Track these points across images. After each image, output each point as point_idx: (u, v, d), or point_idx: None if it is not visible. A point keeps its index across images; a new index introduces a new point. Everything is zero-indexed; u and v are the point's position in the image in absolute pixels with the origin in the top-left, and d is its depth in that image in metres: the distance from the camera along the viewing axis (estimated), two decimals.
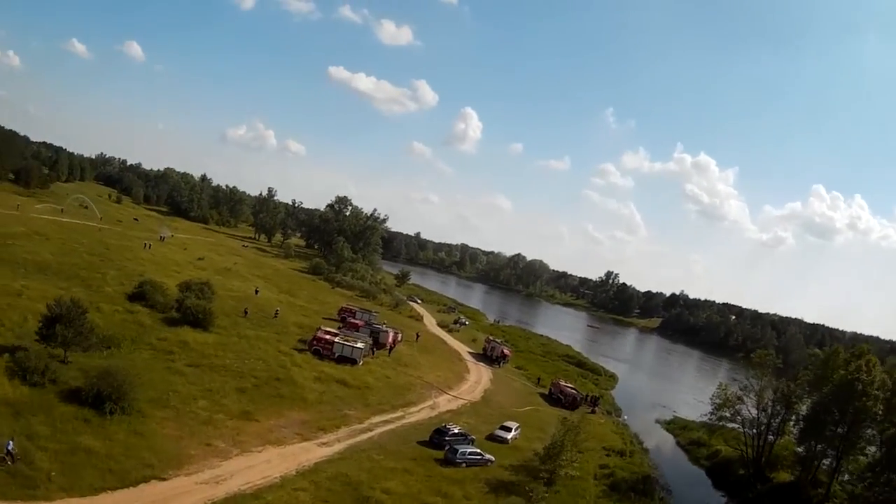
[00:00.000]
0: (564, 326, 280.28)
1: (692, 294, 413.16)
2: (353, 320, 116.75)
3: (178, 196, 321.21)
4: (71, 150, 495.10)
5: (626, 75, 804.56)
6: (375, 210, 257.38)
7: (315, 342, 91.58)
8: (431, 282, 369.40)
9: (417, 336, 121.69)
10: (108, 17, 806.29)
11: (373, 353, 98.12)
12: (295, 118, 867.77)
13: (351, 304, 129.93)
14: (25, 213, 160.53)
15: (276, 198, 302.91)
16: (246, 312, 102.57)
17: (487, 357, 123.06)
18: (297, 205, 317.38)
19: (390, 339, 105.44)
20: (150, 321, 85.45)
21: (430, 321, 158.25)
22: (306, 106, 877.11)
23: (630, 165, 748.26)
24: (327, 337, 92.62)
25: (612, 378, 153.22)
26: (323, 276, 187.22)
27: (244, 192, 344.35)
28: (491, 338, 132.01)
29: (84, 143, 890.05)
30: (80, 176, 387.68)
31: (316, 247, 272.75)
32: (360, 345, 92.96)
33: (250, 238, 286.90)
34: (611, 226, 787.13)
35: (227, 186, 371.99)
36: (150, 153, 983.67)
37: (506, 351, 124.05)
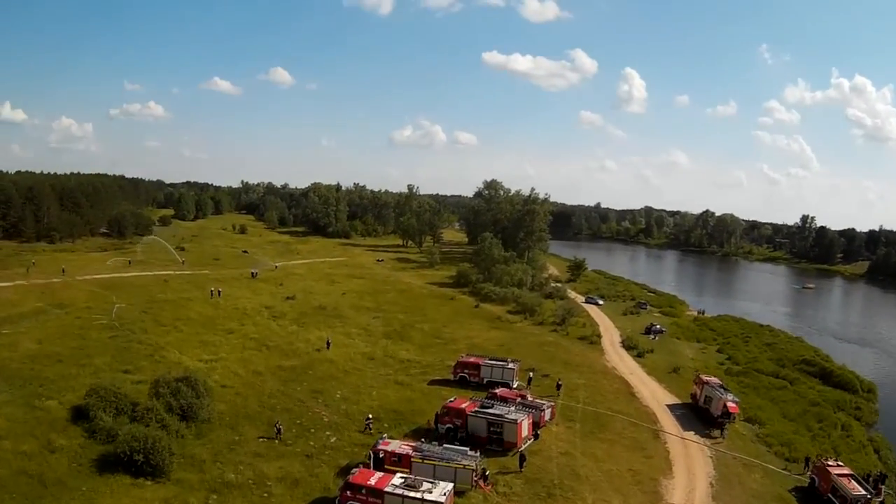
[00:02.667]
0: (774, 295, 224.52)
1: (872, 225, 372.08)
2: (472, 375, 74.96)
3: (312, 213, 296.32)
4: (220, 185, 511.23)
5: (772, 6, 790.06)
6: (534, 190, 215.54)
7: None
8: (618, 259, 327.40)
9: (559, 386, 75.03)
10: (247, 50, 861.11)
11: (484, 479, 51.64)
12: (459, 110, 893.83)
13: (472, 354, 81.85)
14: (72, 277, 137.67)
15: (419, 193, 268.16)
16: (278, 431, 59.86)
17: (699, 408, 73.14)
18: (448, 198, 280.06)
19: (524, 431, 59.10)
20: (69, 467, 51.34)
21: (611, 338, 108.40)
22: (468, 95, 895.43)
23: (792, 99, 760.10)
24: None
25: (871, 393, 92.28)
26: (469, 287, 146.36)
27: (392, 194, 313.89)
28: (704, 378, 76.08)
29: (246, 174, 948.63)
30: (216, 209, 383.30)
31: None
32: (464, 464, 49.18)
33: (397, 246, 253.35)
34: (785, 163, 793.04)
35: (370, 191, 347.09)
36: (319, 171, 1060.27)
37: (730, 404, 69.98)
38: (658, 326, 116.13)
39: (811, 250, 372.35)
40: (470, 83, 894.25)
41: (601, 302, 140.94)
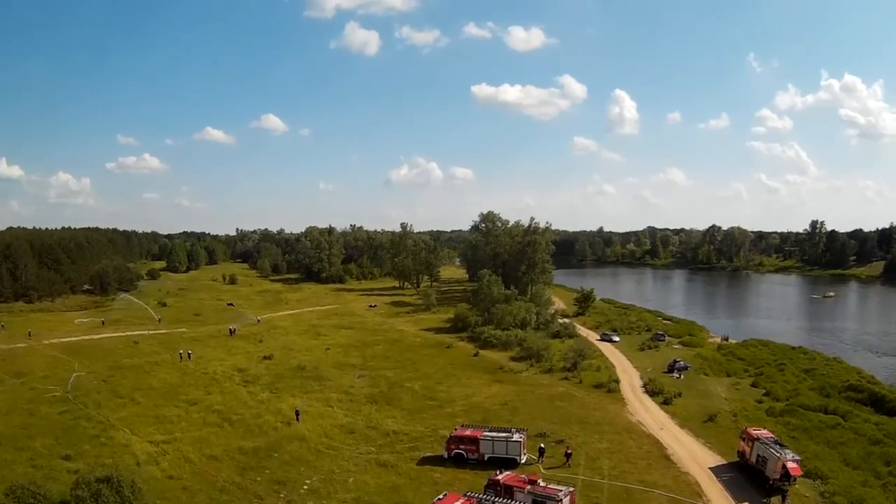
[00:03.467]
0: (794, 308, 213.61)
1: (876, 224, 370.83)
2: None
3: (305, 259, 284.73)
4: (218, 234, 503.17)
5: (756, 14, 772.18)
6: (533, 220, 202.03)
7: None
8: (625, 283, 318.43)
9: (568, 456, 61.11)
10: (237, 98, 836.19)
11: None
12: (454, 145, 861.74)
13: (468, 425, 67.48)
14: (38, 341, 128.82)
15: (413, 231, 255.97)
16: None
17: (749, 468, 59.33)
18: (447, 234, 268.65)
19: None
20: None
21: (630, 382, 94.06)
22: (461, 130, 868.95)
23: (784, 105, 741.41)
24: None
25: None
26: (468, 331, 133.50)
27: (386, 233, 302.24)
28: (754, 433, 62.13)
29: (244, 221, 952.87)
30: (211, 259, 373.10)
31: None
32: None
33: (394, 288, 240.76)
34: (782, 171, 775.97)
35: (365, 232, 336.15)
36: (317, 216, 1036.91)
37: (791, 465, 55.84)
38: (682, 362, 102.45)
39: (822, 256, 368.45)
40: (462, 118, 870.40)
41: (617, 339, 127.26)
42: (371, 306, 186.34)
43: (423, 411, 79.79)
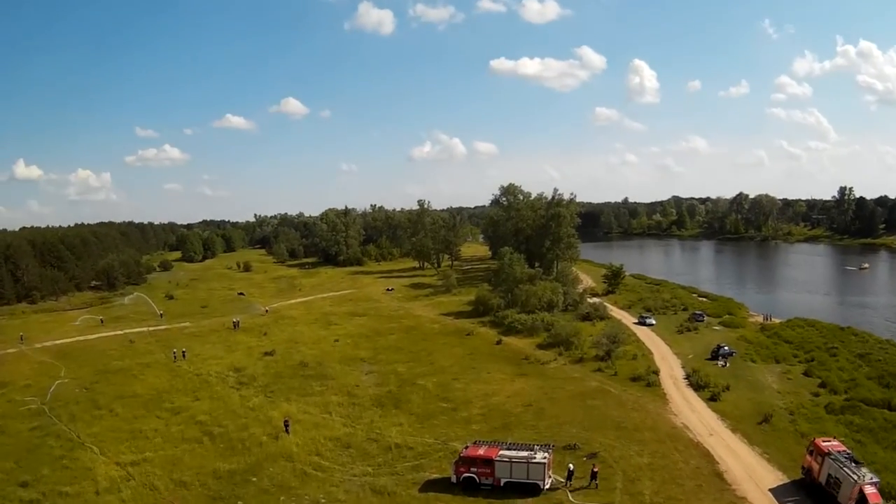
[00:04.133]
0: (829, 281, 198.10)
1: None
2: None
3: (322, 243, 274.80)
4: (238, 221, 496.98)
5: None
6: (557, 191, 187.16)
7: None
8: (653, 256, 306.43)
9: (594, 475, 49.95)
10: (256, 83, 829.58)
11: None
12: (475, 120, 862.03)
13: (480, 442, 55.75)
14: (30, 345, 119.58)
15: (431, 208, 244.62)
16: None
17: (817, 488, 47.49)
18: (471, 209, 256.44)
19: None
20: None
21: (671, 372, 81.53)
22: (482, 105, 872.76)
23: (802, 72, 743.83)
24: None
25: None
26: (490, 316, 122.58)
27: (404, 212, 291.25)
28: (824, 446, 50.20)
29: (267, 207, 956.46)
30: (228, 247, 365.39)
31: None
32: None
33: (413, 269, 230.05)
34: (803, 137, 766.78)
35: (384, 211, 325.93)
36: (342, 197, 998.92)
37: (869, 490, 44.03)
38: (726, 348, 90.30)
39: (852, 224, 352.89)
40: (482, 92, 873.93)
41: (652, 321, 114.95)
42: (388, 290, 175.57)
43: (435, 416, 68.95)
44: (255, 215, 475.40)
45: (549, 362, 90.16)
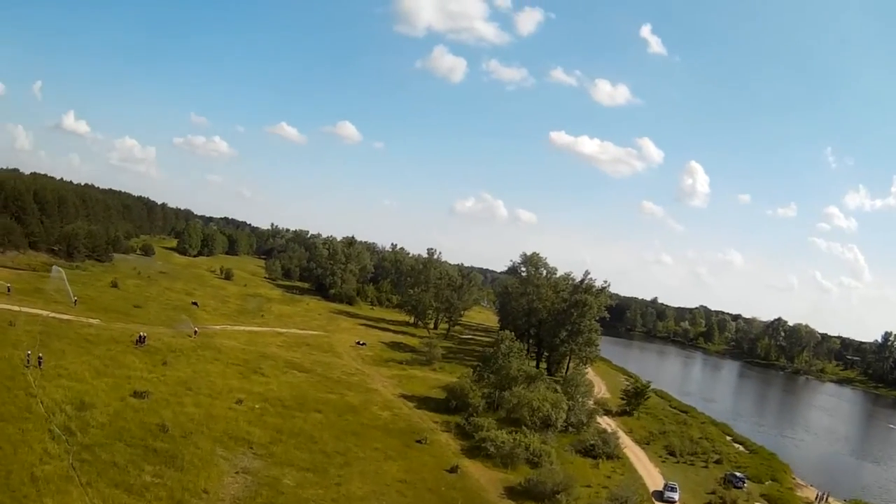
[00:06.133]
0: (875, 441, 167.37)
1: None
2: None
3: (317, 269, 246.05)
4: (259, 226, 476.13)
5: (841, 109, 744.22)
6: (588, 275, 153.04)
7: None
8: (674, 368, 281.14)
9: None
10: (317, 101, 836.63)
11: None
12: (522, 186, 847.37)
13: None
14: None
15: (441, 260, 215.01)
16: None
17: None
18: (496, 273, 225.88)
19: None
20: None
21: None
22: (531, 173, 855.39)
23: (852, 205, 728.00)
24: None
25: None
26: (462, 415, 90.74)
27: (413, 258, 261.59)
28: None
29: (298, 221, 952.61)
30: (231, 249, 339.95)
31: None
32: None
33: (405, 323, 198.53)
34: (838, 272, 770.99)
35: (397, 248, 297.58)
36: (377, 229, 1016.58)
37: None
38: None
39: (890, 373, 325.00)
40: (535, 161, 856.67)
41: (676, 496, 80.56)
42: (359, 343, 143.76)
43: None
44: (272, 224, 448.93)
45: None
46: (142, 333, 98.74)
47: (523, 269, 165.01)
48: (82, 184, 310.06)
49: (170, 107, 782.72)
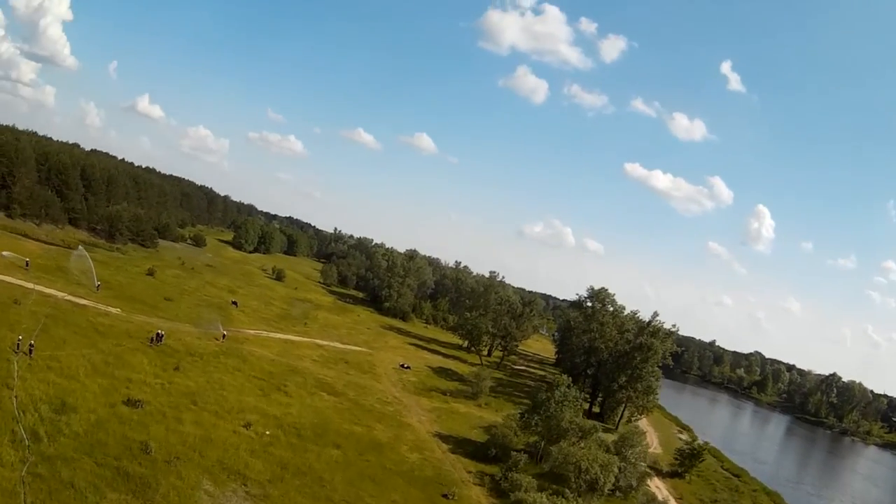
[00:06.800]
0: None
1: None
2: None
3: (373, 279, 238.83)
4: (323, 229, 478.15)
5: None
6: (656, 316, 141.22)
7: None
8: (724, 419, 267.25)
9: None
10: (396, 109, 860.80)
11: None
12: (592, 215, 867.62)
13: None
14: None
15: (503, 283, 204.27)
16: None
17: None
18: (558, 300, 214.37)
19: None
20: None
21: None
22: (603, 203, 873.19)
23: None
24: None
25: None
26: (503, 466, 79.63)
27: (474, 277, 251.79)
28: None
29: (363, 228, 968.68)
30: (290, 248, 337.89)
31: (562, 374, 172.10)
32: None
33: (457, 346, 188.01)
34: (890, 326, 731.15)
35: (461, 266, 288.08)
36: (442, 244, 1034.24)
37: None
38: None
39: None
40: (608, 191, 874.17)
41: None
42: (403, 366, 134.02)
43: None
44: (335, 229, 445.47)
45: None
46: (159, 331, 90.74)
47: (588, 303, 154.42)
48: (142, 166, 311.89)
49: (248, 102, 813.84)
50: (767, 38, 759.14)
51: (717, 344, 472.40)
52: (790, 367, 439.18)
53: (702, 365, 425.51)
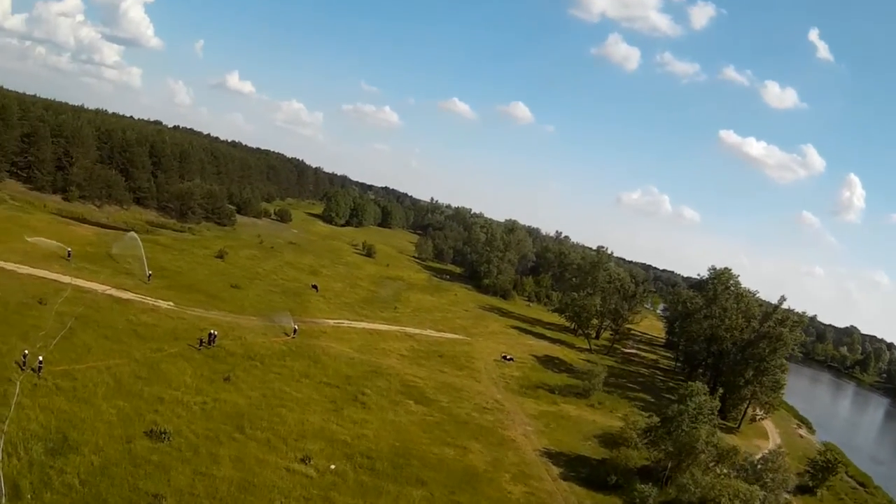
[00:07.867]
0: None
1: None
2: None
3: (472, 254, 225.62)
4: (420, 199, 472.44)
5: None
6: (783, 300, 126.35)
7: None
8: (826, 403, 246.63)
9: None
10: (491, 79, 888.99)
11: None
12: (687, 183, 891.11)
13: None
14: None
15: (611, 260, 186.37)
16: None
17: None
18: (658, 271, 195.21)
19: None
20: None
21: None
22: (699, 171, 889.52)
23: None
24: None
25: None
26: (622, 498, 63.66)
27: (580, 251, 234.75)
28: None
29: (463, 199, 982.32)
30: (384, 220, 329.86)
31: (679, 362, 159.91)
32: None
33: (564, 328, 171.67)
34: None
35: (561, 236, 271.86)
36: (541, 213, 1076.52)
37: None
38: None
39: None
40: (703, 158, 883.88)
41: None
42: (505, 358, 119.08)
43: None
44: (431, 199, 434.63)
45: None
46: (212, 331, 78.93)
47: (710, 284, 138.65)
48: (227, 141, 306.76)
49: (341, 74, 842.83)
50: (853, 4, 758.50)
51: (817, 319, 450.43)
52: (890, 346, 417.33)
53: (804, 344, 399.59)
